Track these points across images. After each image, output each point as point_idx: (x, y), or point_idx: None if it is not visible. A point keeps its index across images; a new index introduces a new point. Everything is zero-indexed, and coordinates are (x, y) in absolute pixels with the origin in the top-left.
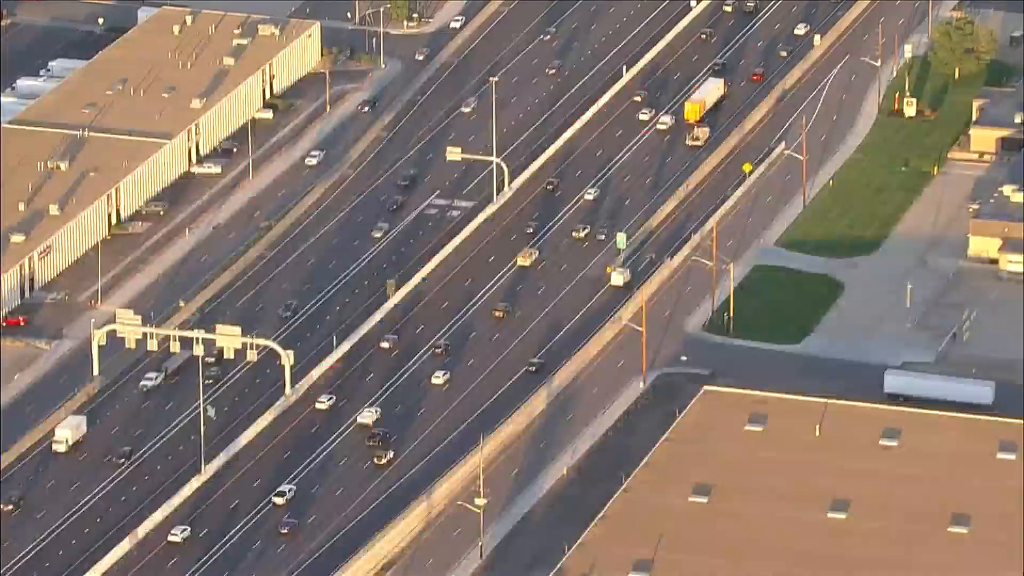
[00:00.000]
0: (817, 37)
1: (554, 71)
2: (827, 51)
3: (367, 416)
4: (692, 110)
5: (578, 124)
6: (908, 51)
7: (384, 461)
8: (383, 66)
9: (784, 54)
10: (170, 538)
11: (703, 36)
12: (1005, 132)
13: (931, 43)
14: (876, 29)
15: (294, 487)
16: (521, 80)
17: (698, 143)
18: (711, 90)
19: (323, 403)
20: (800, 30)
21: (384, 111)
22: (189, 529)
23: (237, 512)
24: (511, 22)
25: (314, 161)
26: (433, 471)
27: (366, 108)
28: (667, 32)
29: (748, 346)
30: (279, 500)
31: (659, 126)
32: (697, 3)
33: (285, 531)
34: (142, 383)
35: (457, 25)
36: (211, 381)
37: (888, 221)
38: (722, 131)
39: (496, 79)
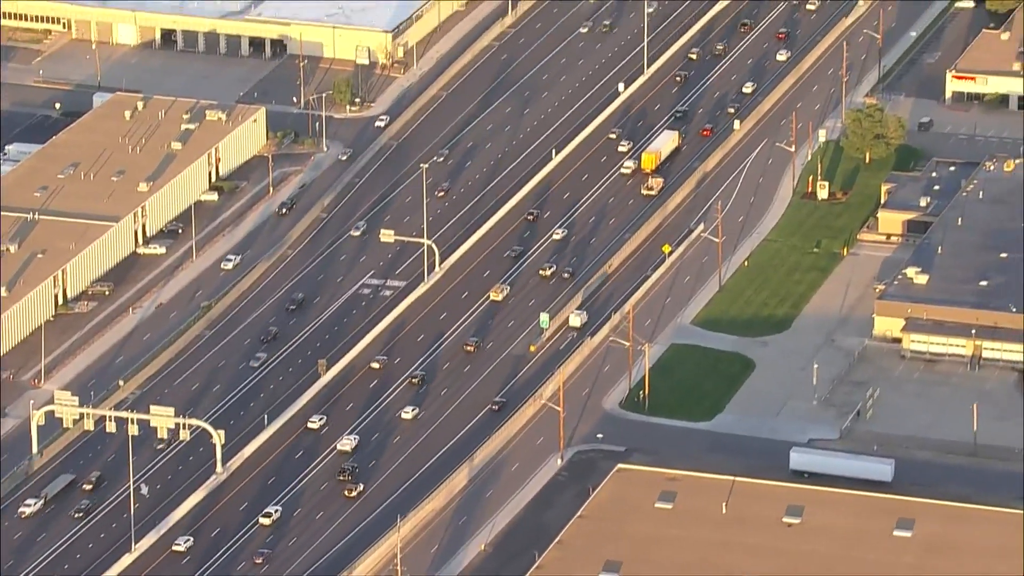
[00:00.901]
0: (736, 122)
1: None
2: (746, 135)
3: (346, 443)
4: (648, 160)
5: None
6: (822, 136)
7: (354, 494)
8: (325, 149)
9: (731, 111)
10: None
11: (677, 79)
12: (911, 215)
13: (844, 129)
14: (792, 115)
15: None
16: (457, 161)
17: (652, 192)
18: (667, 142)
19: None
20: (748, 88)
21: (325, 193)
22: None
23: None
24: (448, 107)
25: (229, 266)
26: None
27: (284, 210)
28: (597, 114)
29: (662, 423)
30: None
31: (623, 170)
32: (625, 88)
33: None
34: (21, 509)
35: (381, 124)
36: (80, 514)
37: (799, 300)
38: (671, 185)
39: (426, 166)
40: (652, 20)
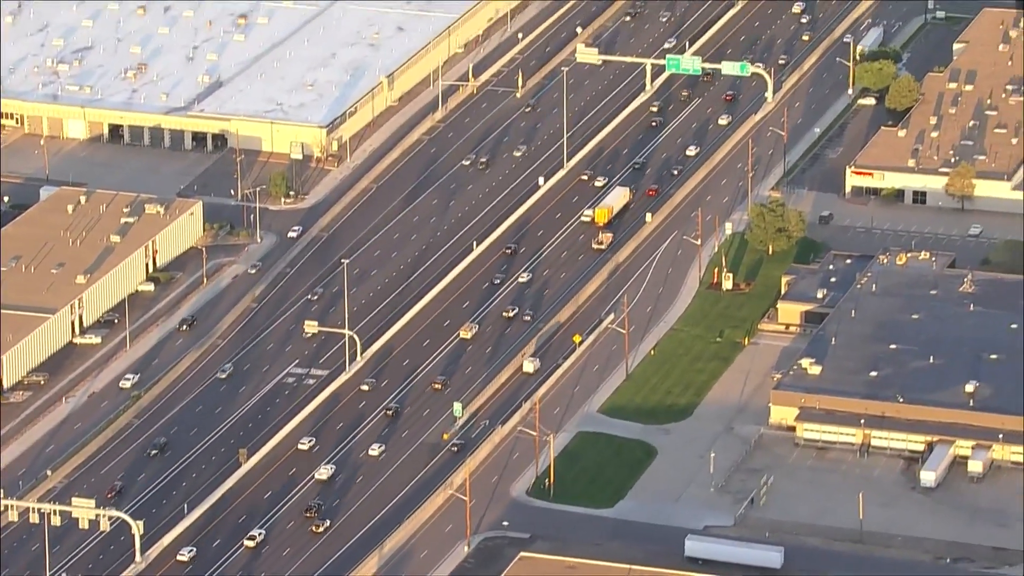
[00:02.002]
0: (648, 215)
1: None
2: (657, 227)
3: (323, 472)
4: (601, 214)
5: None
6: (729, 228)
7: (321, 530)
8: (259, 240)
9: (675, 173)
10: None
11: (653, 124)
12: (809, 306)
13: (749, 222)
14: (701, 208)
15: None
16: (382, 254)
17: (602, 247)
18: (619, 197)
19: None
20: (691, 151)
21: (257, 283)
22: None
23: None
24: (378, 199)
25: (128, 384)
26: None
27: (185, 327)
28: (518, 207)
29: (567, 510)
30: None
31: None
32: (545, 181)
33: None
34: None
35: (294, 235)
36: None
37: (702, 389)
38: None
39: (347, 261)
40: (570, 119)
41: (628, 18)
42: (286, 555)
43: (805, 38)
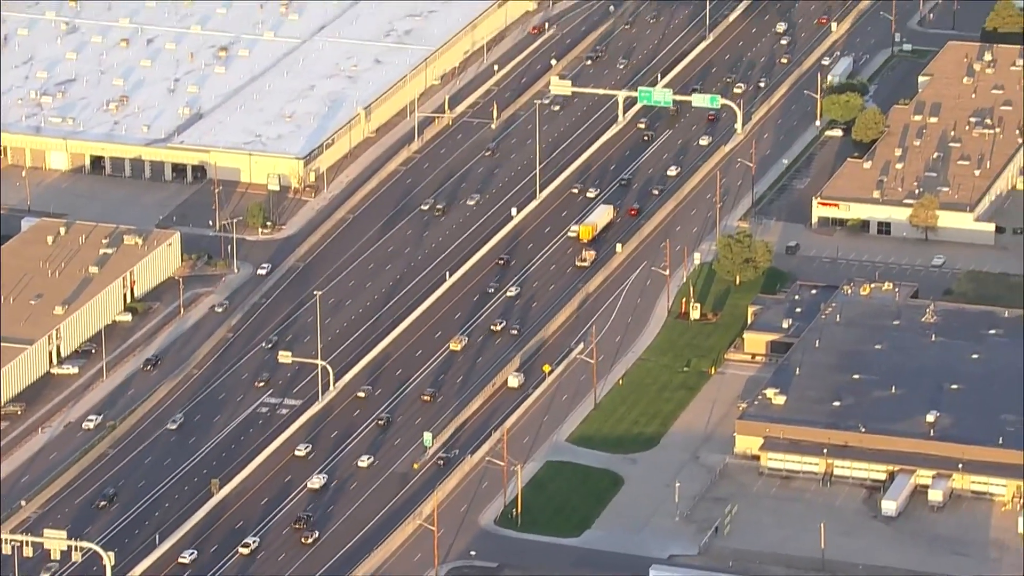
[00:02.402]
0: (619, 245)
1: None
2: (627, 258)
3: (315, 481)
4: (585, 231)
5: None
6: (697, 259)
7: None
8: (236, 270)
9: (656, 192)
10: None
11: (645, 138)
12: (774, 336)
13: (716, 252)
14: (670, 239)
15: None
16: (357, 284)
17: (585, 264)
18: (602, 215)
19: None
20: (672, 171)
21: (232, 313)
22: None
23: None
24: (353, 229)
25: (91, 425)
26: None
27: (149, 367)
28: (484, 243)
29: (534, 540)
30: None
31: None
32: (515, 213)
33: None
34: None
35: (263, 272)
36: None
37: (668, 418)
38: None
39: (320, 293)
40: (543, 150)
41: (588, 62)
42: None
43: (784, 60)
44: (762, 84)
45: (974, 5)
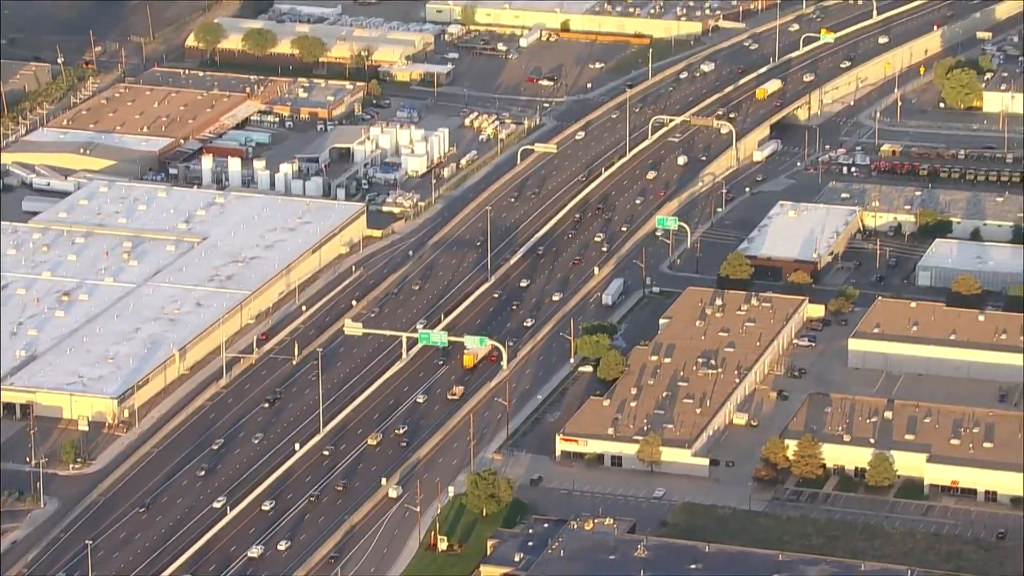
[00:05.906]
0: (383, 479)
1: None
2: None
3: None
4: (468, 359)
5: None
6: (451, 491)
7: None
8: (43, 505)
9: (529, 324)
10: None
11: (599, 208)
12: (507, 570)
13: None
14: (427, 473)
15: None
16: (148, 518)
17: (455, 398)
18: (483, 348)
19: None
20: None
21: (31, 548)
22: None
23: None
24: (157, 463)
25: None
26: None
27: None
28: (266, 478)
29: None
30: None
31: None
32: (298, 448)
33: None
34: None
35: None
36: None
37: None
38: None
39: (92, 544)
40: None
41: (374, 313)
42: None
43: (555, 298)
44: (528, 324)
45: (714, 253)
